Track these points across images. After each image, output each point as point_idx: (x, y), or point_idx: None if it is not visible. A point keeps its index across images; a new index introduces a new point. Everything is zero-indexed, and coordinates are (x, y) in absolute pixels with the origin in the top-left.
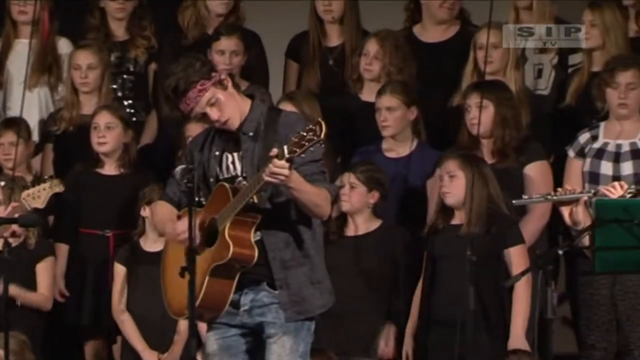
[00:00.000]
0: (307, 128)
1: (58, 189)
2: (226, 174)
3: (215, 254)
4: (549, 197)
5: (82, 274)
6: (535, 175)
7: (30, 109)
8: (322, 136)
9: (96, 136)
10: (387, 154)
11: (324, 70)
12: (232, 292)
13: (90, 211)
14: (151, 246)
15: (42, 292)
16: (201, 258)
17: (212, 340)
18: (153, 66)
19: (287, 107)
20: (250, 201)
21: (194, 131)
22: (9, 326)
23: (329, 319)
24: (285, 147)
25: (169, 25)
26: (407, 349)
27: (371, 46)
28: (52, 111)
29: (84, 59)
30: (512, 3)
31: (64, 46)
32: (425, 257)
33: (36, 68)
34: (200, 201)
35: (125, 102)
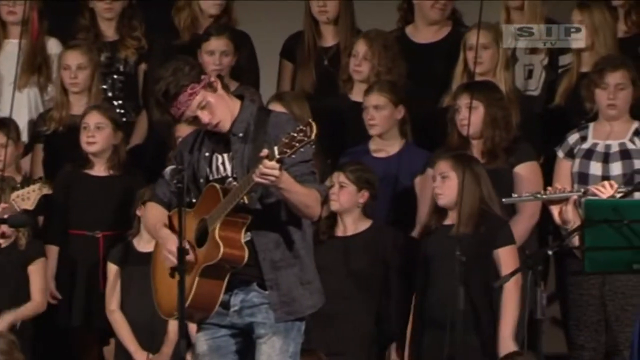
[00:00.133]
0: (298, 129)
1: (47, 190)
2: (216, 175)
3: (206, 254)
4: (538, 195)
5: (72, 275)
6: (525, 174)
7: (20, 109)
8: (313, 137)
9: (85, 136)
10: (374, 155)
11: (319, 71)
12: (222, 293)
13: (80, 212)
14: (145, 246)
15: (35, 298)
16: (191, 259)
17: (202, 340)
18: (143, 66)
19: (277, 107)
20: (241, 202)
21: (184, 132)
22: None
23: (318, 319)
24: (276, 148)
25: (160, 25)
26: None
27: (360, 47)
28: (41, 111)
29: (74, 59)
30: (503, 3)
31: (53, 46)
32: (419, 258)
33: (26, 68)
34: (191, 201)
35: (115, 102)
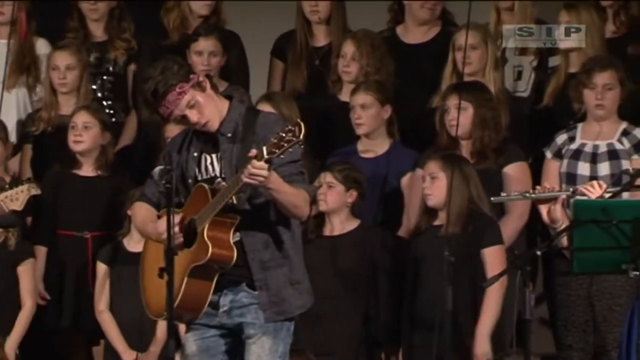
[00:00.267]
0: (286, 129)
1: (36, 191)
2: (205, 175)
3: (194, 254)
4: (527, 194)
5: (61, 276)
6: (514, 175)
7: (9, 109)
8: (301, 137)
9: (73, 135)
10: (362, 155)
11: (310, 70)
12: (211, 293)
13: (68, 212)
14: (135, 246)
15: (27, 302)
16: (180, 259)
17: (191, 341)
18: (132, 67)
19: (266, 107)
20: (229, 202)
21: (173, 132)
22: None
23: (307, 319)
24: (265, 148)
25: (149, 25)
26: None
27: (348, 48)
28: (30, 112)
29: (62, 59)
30: (493, 4)
31: (42, 47)
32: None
33: (14, 69)
34: (180, 201)
35: (105, 102)
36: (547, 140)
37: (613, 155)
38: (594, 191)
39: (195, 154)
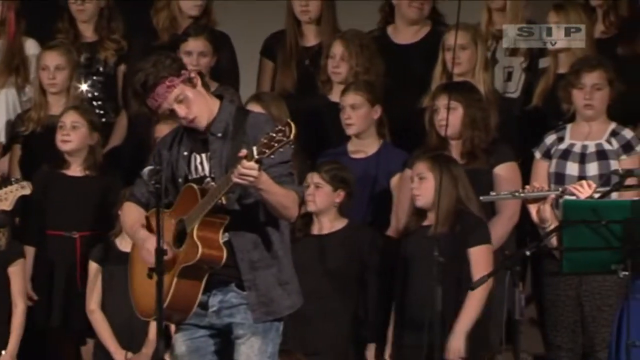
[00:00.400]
0: (277, 129)
1: (25, 191)
2: (195, 175)
3: (184, 255)
4: (516, 194)
5: (50, 276)
6: (505, 175)
7: None
8: (292, 137)
9: (61, 134)
10: (352, 156)
11: (300, 70)
12: (201, 293)
13: (56, 212)
14: (127, 246)
15: (18, 304)
16: (169, 259)
17: (180, 341)
18: (122, 67)
19: (255, 108)
20: (219, 202)
21: (163, 133)
22: None
23: (295, 319)
24: (255, 148)
25: (139, 26)
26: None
27: (337, 48)
28: (19, 112)
29: (52, 59)
30: (485, 4)
31: (31, 47)
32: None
33: (3, 69)
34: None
35: (95, 103)
36: (536, 140)
37: (602, 155)
38: (583, 191)
39: (185, 153)
